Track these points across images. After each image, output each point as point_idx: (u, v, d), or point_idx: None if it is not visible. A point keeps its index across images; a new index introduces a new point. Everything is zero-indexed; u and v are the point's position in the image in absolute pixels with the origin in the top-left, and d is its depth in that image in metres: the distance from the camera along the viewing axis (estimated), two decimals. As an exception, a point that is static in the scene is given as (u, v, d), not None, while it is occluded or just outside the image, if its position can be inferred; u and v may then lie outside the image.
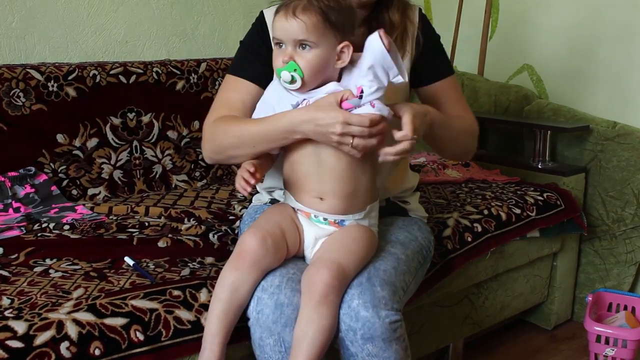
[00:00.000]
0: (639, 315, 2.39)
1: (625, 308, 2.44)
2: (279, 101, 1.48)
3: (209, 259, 1.70)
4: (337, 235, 1.47)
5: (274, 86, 1.52)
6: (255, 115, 1.54)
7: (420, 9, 1.71)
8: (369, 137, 1.37)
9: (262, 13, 1.67)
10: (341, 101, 1.37)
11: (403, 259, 1.54)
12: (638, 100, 2.57)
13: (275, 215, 1.50)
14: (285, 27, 1.39)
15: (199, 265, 1.65)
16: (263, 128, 1.45)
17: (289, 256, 1.47)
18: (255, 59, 1.62)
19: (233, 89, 1.62)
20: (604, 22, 2.64)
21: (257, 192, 1.81)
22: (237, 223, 1.95)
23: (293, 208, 1.50)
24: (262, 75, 1.58)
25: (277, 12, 1.42)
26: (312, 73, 1.40)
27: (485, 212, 2.16)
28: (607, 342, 2.25)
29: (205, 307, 1.46)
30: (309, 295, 1.35)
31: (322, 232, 1.48)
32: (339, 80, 1.47)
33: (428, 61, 1.67)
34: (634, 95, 2.58)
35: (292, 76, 1.39)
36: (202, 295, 1.49)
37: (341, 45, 1.41)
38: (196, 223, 1.95)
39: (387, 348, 1.38)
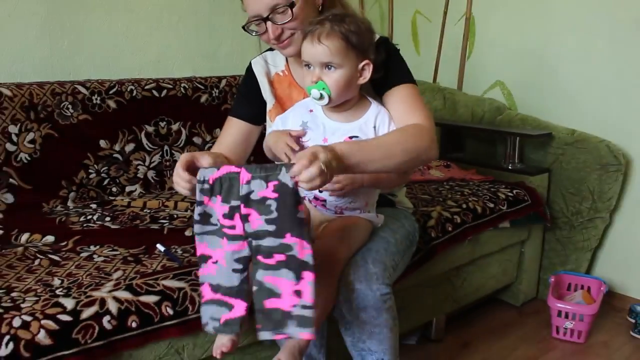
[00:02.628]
0: (593, 293, 2.39)
1: (582, 287, 2.43)
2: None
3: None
4: (339, 221, 1.47)
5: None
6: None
7: (381, 36, 1.54)
8: None
9: (250, 64, 1.70)
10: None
11: (392, 241, 1.54)
12: (592, 111, 2.56)
13: None
14: (311, 52, 1.37)
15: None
16: None
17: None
18: (246, 102, 1.67)
19: (227, 128, 1.67)
20: (564, 44, 2.63)
21: None
22: None
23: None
24: (251, 115, 1.65)
25: (304, 38, 1.40)
26: (338, 90, 1.39)
27: (464, 205, 2.15)
28: (566, 316, 2.24)
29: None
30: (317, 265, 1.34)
31: (326, 218, 1.49)
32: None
33: (384, 73, 1.49)
34: (590, 106, 2.57)
35: (320, 94, 1.38)
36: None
37: (362, 64, 1.40)
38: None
39: (378, 316, 1.38)
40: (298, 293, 1.14)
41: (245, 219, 1.17)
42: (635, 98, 2.44)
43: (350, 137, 1.44)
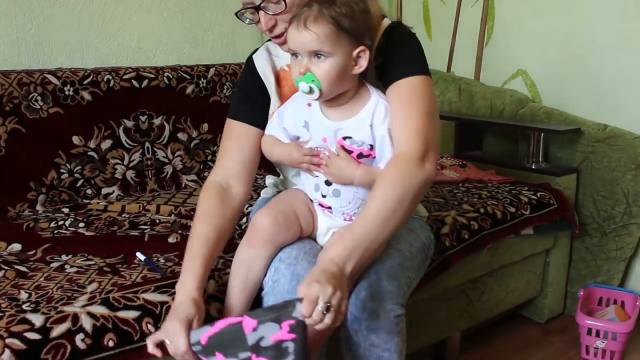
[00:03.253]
0: (627, 309, 2.39)
1: (615, 302, 2.43)
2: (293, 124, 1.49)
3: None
4: None
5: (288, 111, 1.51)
6: (268, 130, 1.55)
7: (392, 21, 1.54)
8: None
9: (251, 59, 1.65)
10: None
11: (407, 256, 1.52)
12: (627, 103, 2.56)
13: (287, 197, 1.51)
14: (298, 39, 1.33)
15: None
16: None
17: (303, 235, 1.47)
18: (249, 103, 1.60)
19: (232, 137, 1.59)
20: (594, 30, 2.63)
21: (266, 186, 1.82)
22: (244, 219, 1.95)
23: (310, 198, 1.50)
24: (258, 120, 1.58)
25: (290, 22, 1.37)
26: (329, 83, 1.35)
27: (482, 210, 2.15)
28: (597, 334, 2.24)
29: (212, 297, 1.46)
30: None
31: (334, 223, 1.48)
32: None
33: (392, 60, 1.47)
34: (623, 99, 2.57)
35: (310, 87, 1.34)
36: (210, 286, 1.48)
37: (357, 51, 1.35)
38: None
39: (389, 340, 1.37)
40: None
41: None
42: (674, 89, 2.44)
43: (344, 138, 1.43)
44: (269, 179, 1.80)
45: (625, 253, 2.50)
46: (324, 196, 1.47)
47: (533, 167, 2.57)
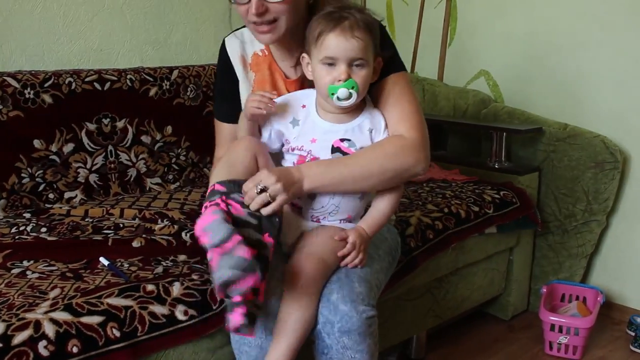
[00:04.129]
0: (589, 304, 2.43)
1: (577, 298, 2.47)
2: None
3: (182, 257, 1.69)
4: (320, 231, 1.48)
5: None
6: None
7: (379, 23, 1.57)
8: None
9: (223, 42, 1.67)
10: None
11: (376, 258, 1.55)
12: (587, 103, 2.61)
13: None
14: (344, 47, 1.36)
15: (172, 263, 1.64)
16: None
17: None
18: (223, 100, 1.68)
19: (219, 131, 1.68)
20: (555, 31, 2.68)
21: None
22: None
23: None
24: (230, 114, 1.61)
25: (330, 30, 1.37)
26: (364, 89, 1.42)
27: (446, 210, 2.17)
28: (560, 330, 2.28)
29: (178, 300, 1.46)
30: (291, 286, 1.35)
31: (306, 225, 1.50)
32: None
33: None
34: (583, 98, 2.62)
35: (350, 93, 1.38)
36: (175, 289, 1.48)
37: (377, 61, 1.43)
38: (169, 223, 1.94)
39: (361, 342, 1.38)
40: None
41: None
42: (631, 89, 2.49)
43: (342, 140, 1.45)
44: None
45: (586, 250, 2.54)
46: (298, 197, 1.47)
47: (496, 166, 2.61)
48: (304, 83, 1.58)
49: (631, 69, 2.48)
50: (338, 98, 1.39)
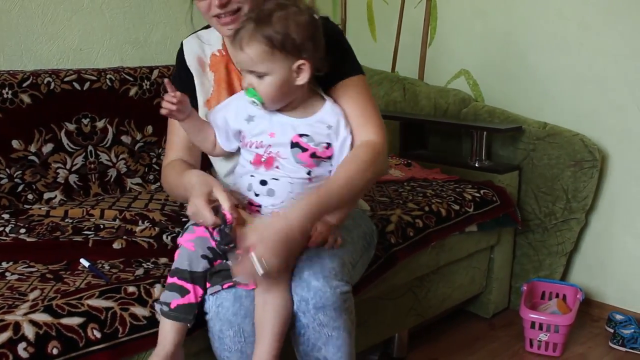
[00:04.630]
0: (569, 302, 2.45)
1: (557, 296, 2.50)
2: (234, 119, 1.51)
3: (163, 260, 1.68)
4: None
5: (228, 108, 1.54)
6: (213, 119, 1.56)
7: (320, 16, 1.55)
8: None
9: (181, 45, 1.71)
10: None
11: (348, 240, 1.55)
12: (565, 101, 2.63)
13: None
14: (237, 59, 1.41)
15: (153, 265, 1.64)
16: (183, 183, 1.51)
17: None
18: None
19: (172, 131, 1.68)
20: (533, 30, 2.70)
21: None
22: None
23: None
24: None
25: (232, 39, 1.43)
26: (271, 97, 1.41)
27: (426, 208, 2.18)
28: (540, 327, 2.30)
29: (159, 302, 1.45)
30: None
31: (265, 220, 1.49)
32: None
33: (330, 61, 1.51)
34: (562, 97, 2.64)
35: (252, 100, 1.41)
36: (156, 291, 1.48)
37: (297, 65, 1.40)
38: (150, 225, 1.93)
39: (337, 317, 1.39)
40: None
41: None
42: (610, 87, 2.52)
43: (300, 135, 1.46)
44: None
45: (566, 247, 2.56)
46: (257, 195, 1.48)
47: (476, 165, 2.62)
48: None
49: (610, 68, 2.51)
50: (249, 103, 1.43)
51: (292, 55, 1.39)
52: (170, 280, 1.42)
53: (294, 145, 1.46)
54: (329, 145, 1.48)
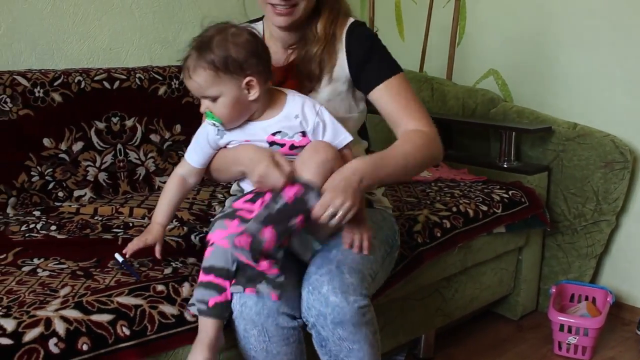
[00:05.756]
0: (599, 305, 2.43)
1: (587, 299, 2.47)
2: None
3: (191, 259, 1.69)
4: None
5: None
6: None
7: (356, 20, 1.67)
8: None
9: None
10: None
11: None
12: (596, 101, 2.61)
13: None
14: (189, 87, 1.46)
15: (181, 264, 1.65)
16: None
17: None
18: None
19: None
20: (564, 29, 2.67)
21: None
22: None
23: None
24: None
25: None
26: (228, 118, 1.47)
27: (454, 209, 2.17)
28: (569, 330, 2.27)
29: (187, 300, 1.47)
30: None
31: None
32: None
33: (365, 68, 1.63)
34: (593, 97, 2.62)
35: (213, 123, 1.47)
36: (185, 290, 1.49)
37: (244, 82, 1.44)
38: (179, 224, 1.94)
39: (356, 332, 1.40)
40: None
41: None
42: (642, 88, 2.49)
43: (273, 134, 1.49)
44: (234, 185, 1.81)
45: (595, 250, 2.54)
46: None
47: (505, 165, 2.60)
48: (289, 72, 1.65)
49: (641, 68, 2.48)
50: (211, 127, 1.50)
51: (238, 74, 1.44)
52: (206, 278, 1.42)
53: (271, 144, 1.50)
54: (303, 133, 1.50)
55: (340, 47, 1.64)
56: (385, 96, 1.60)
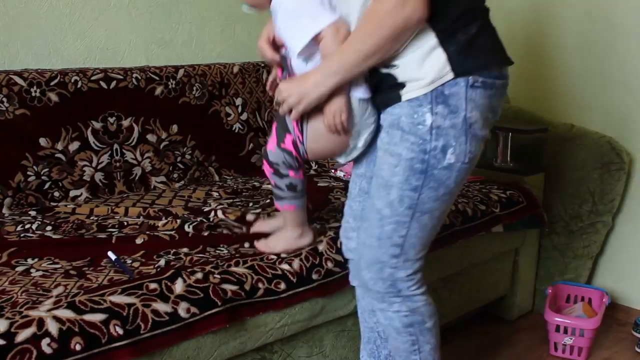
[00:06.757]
0: (595, 305, 2.42)
1: (583, 299, 2.46)
2: None
3: (184, 250, 1.70)
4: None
5: None
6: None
7: None
8: None
9: None
10: None
11: (387, 213, 1.43)
12: (592, 103, 2.60)
13: None
14: None
15: (173, 257, 1.64)
16: None
17: None
18: None
19: None
20: (561, 31, 2.67)
21: None
22: (212, 214, 1.99)
23: None
24: None
25: None
26: None
27: (452, 207, 2.16)
28: (565, 331, 2.27)
29: (181, 297, 1.45)
30: None
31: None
32: None
33: None
34: (589, 99, 2.61)
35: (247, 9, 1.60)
36: (178, 287, 1.47)
37: None
38: (172, 219, 1.93)
39: (384, 313, 1.57)
40: None
41: None
42: (638, 89, 2.48)
43: None
44: None
45: (592, 251, 2.53)
46: None
47: (502, 166, 2.60)
48: None
49: (638, 69, 2.47)
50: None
51: None
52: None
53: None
54: None
55: None
56: None
